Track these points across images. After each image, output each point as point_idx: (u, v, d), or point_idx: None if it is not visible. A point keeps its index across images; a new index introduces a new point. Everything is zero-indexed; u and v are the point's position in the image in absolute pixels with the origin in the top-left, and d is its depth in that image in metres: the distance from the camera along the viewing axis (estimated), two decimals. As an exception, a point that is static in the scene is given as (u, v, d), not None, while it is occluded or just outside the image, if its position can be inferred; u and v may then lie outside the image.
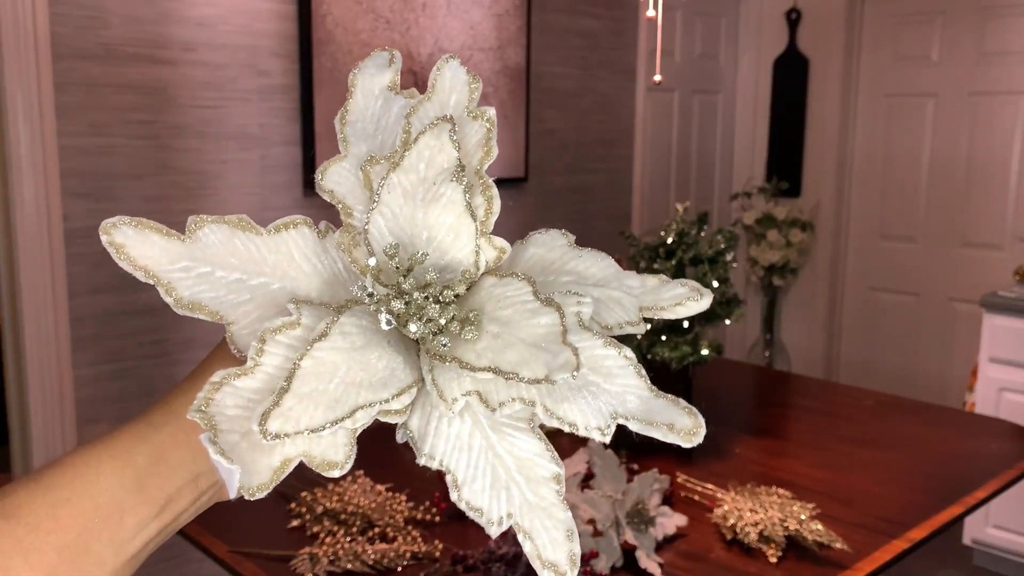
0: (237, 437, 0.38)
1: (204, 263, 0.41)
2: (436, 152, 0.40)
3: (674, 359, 1.74)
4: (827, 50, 3.81)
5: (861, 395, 2.29)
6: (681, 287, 0.44)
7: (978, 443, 1.92)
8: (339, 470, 0.40)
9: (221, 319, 0.41)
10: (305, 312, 0.40)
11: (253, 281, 0.42)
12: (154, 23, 2.21)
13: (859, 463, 1.76)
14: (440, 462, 0.41)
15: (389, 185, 0.41)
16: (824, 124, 3.86)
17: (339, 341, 0.39)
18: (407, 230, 0.41)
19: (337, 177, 0.44)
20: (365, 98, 0.44)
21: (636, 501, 1.38)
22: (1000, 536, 2.85)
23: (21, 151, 2.04)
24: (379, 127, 0.44)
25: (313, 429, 0.37)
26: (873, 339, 3.91)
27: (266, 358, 0.39)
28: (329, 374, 0.38)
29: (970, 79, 3.49)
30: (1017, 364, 2.82)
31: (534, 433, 0.41)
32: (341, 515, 1.43)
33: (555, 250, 0.44)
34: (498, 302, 0.41)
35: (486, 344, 0.40)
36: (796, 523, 1.40)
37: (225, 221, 0.41)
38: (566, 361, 0.37)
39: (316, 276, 0.43)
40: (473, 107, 0.43)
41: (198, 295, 0.41)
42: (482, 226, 0.42)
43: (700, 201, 3.93)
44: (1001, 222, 3.46)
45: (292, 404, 0.37)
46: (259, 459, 0.39)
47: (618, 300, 0.43)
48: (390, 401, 0.39)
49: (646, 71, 3.39)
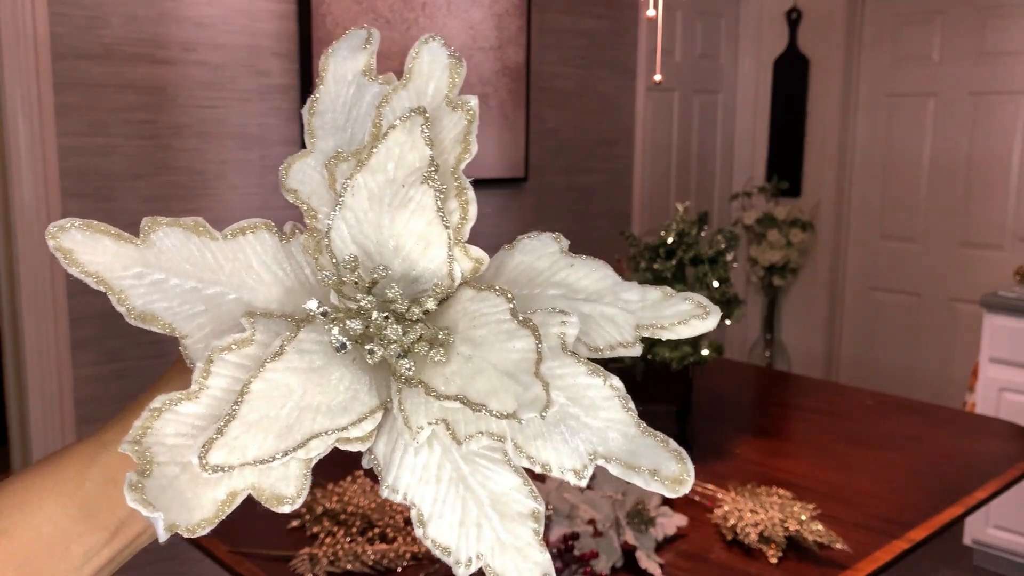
0: (177, 469, 0.35)
1: (158, 270, 0.37)
2: (407, 150, 0.36)
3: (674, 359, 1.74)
4: (827, 50, 3.81)
5: (861, 395, 2.29)
6: (685, 303, 0.38)
7: (978, 443, 1.92)
8: (290, 505, 0.36)
9: (175, 332, 0.38)
10: (260, 327, 0.37)
11: (209, 291, 0.38)
12: (154, 23, 2.20)
13: (859, 463, 1.76)
14: (404, 495, 0.37)
15: (354, 187, 0.37)
16: (824, 124, 3.86)
17: (295, 360, 0.35)
18: (372, 238, 0.37)
19: (301, 175, 0.40)
20: (336, 84, 0.40)
21: (636, 501, 1.38)
22: (1001, 536, 2.85)
23: (20, 151, 2.03)
24: (350, 118, 0.40)
25: (261, 460, 0.34)
26: (873, 339, 3.90)
27: (213, 380, 0.36)
28: (282, 398, 0.35)
29: (970, 79, 3.49)
30: (1017, 364, 2.82)
31: (511, 465, 0.37)
32: (341, 515, 1.43)
33: (544, 258, 0.39)
34: (473, 320, 0.36)
35: (456, 368, 0.36)
36: (796, 523, 1.39)
37: (180, 224, 0.38)
38: (535, 397, 0.33)
39: (277, 285, 0.39)
40: (454, 95, 0.38)
41: (151, 305, 0.37)
42: (456, 234, 0.37)
43: (700, 201, 3.93)
44: (1001, 222, 3.46)
45: (239, 432, 0.34)
46: (202, 493, 0.35)
47: (611, 317, 0.38)
48: (349, 428, 0.36)
49: (646, 71, 3.39)
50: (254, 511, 0.41)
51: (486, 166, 2.90)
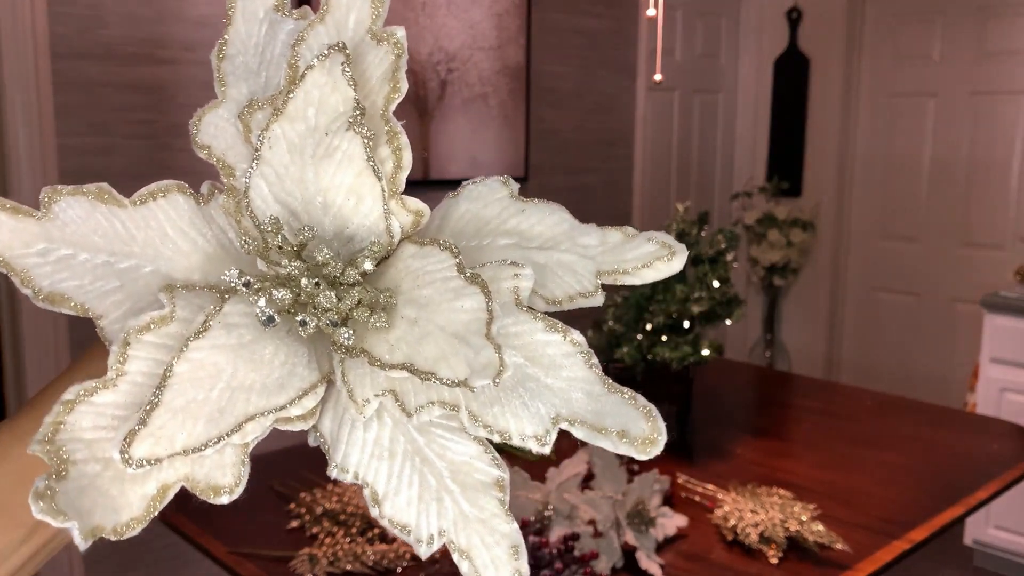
0: (98, 466, 0.31)
1: (64, 244, 0.34)
2: (327, 92, 0.32)
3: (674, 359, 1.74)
4: (828, 49, 3.81)
5: (862, 395, 2.28)
6: (649, 243, 0.35)
7: (979, 443, 1.92)
8: (228, 495, 0.32)
9: (88, 313, 0.34)
10: (180, 302, 0.33)
11: (122, 264, 0.34)
12: (153, 22, 2.20)
13: (860, 464, 1.76)
14: (355, 474, 0.34)
15: (271, 138, 0.33)
16: (825, 124, 3.86)
17: (222, 336, 0.32)
18: (297, 195, 0.34)
19: (213, 129, 0.36)
20: (247, 23, 0.36)
21: (636, 502, 1.38)
22: (1001, 537, 2.85)
23: (20, 151, 2.03)
24: (263, 60, 0.36)
25: (192, 449, 0.31)
26: (874, 339, 3.90)
27: (132, 364, 0.32)
28: (210, 379, 0.31)
29: (971, 79, 3.48)
30: (1018, 364, 2.81)
31: (467, 434, 0.34)
32: (340, 516, 1.43)
33: (492, 205, 0.36)
34: (416, 279, 0.33)
35: (401, 333, 0.33)
36: (797, 524, 1.39)
37: (83, 192, 0.34)
38: (487, 362, 0.31)
39: (197, 253, 0.35)
40: (378, 28, 0.34)
41: (59, 284, 0.34)
42: (391, 184, 0.34)
43: (700, 201, 3.92)
44: (1002, 222, 3.46)
45: (164, 421, 0.30)
46: (129, 490, 0.31)
47: (569, 265, 0.35)
48: (288, 407, 0.32)
49: (646, 70, 3.38)
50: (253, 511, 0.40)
51: (486, 166, 2.90)
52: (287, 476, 1.54)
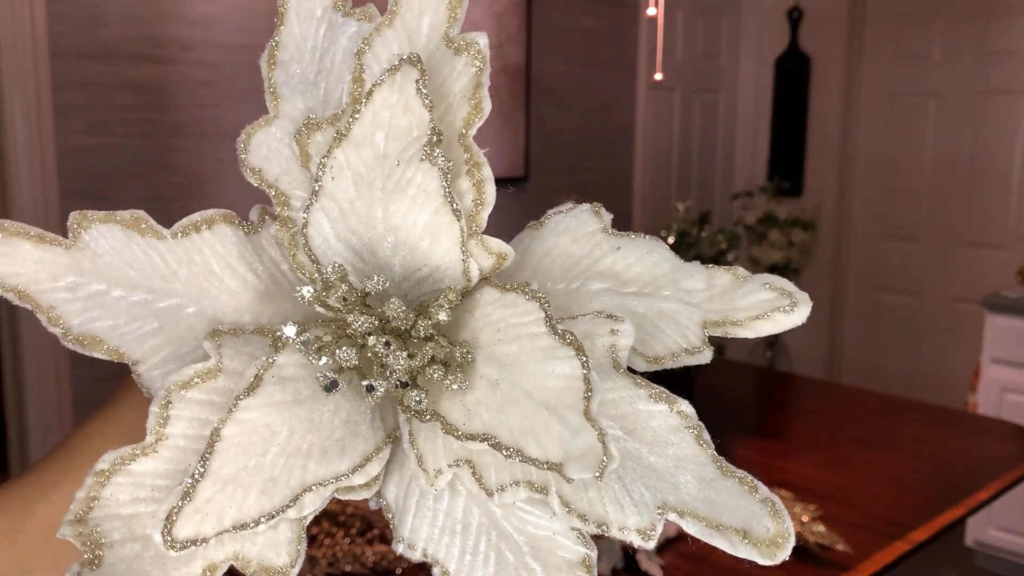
0: (137, 547, 0.27)
1: (96, 278, 0.30)
2: (399, 114, 0.27)
3: (675, 359, 1.73)
4: (829, 49, 3.80)
5: (863, 396, 2.28)
6: (764, 290, 0.30)
7: (980, 444, 1.91)
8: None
9: (124, 358, 0.30)
10: (227, 351, 0.29)
11: (162, 303, 0.30)
12: (152, 22, 2.20)
13: (861, 464, 1.75)
14: (424, 551, 0.29)
15: (334, 167, 0.28)
16: (826, 123, 3.85)
17: (276, 393, 0.28)
18: (363, 234, 0.29)
19: (265, 150, 0.32)
20: (302, 24, 0.32)
21: (637, 502, 1.37)
22: (1003, 537, 2.84)
23: (19, 150, 2.03)
24: (322, 69, 0.31)
25: (243, 525, 0.27)
26: (875, 339, 3.90)
27: (173, 426, 0.28)
28: (263, 443, 0.27)
29: (972, 78, 3.48)
30: (1020, 365, 2.81)
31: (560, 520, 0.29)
32: (340, 516, 1.42)
33: (582, 240, 0.31)
34: (498, 331, 0.28)
35: (480, 396, 0.28)
36: (798, 524, 1.39)
37: (117, 219, 0.30)
38: (587, 449, 0.25)
39: (247, 291, 0.31)
40: (455, 34, 0.29)
41: (91, 324, 0.30)
42: (471, 223, 0.29)
43: (701, 200, 3.92)
44: (1004, 222, 3.45)
45: (211, 494, 0.26)
46: (173, 570, 0.27)
47: (672, 315, 0.30)
48: (350, 475, 0.28)
49: (647, 70, 3.38)
50: None
51: (486, 166, 2.89)
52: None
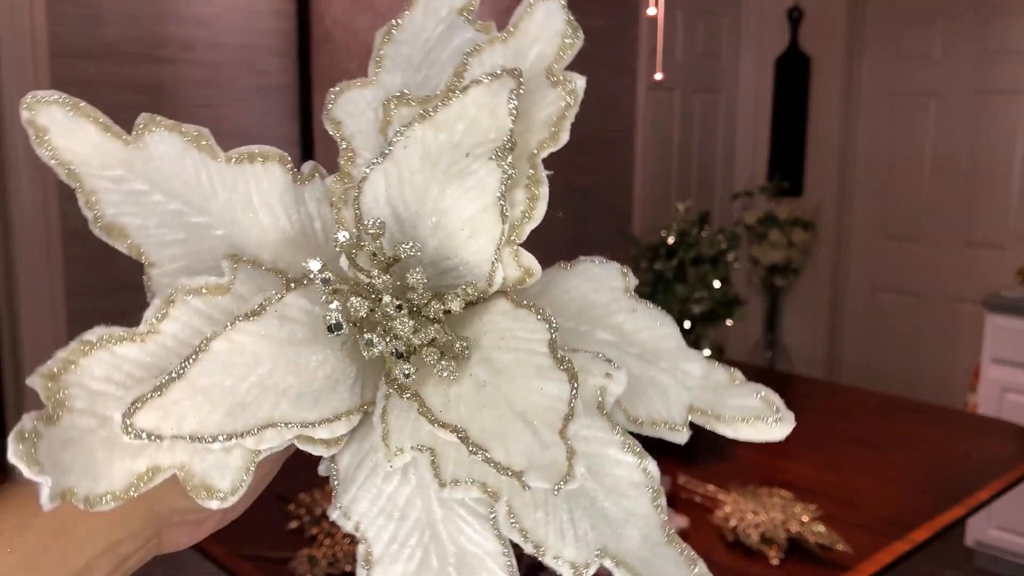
0: (93, 422, 0.28)
1: (143, 178, 0.31)
2: (484, 113, 0.29)
3: (675, 359, 1.73)
4: (829, 49, 3.80)
5: (863, 396, 2.28)
6: (754, 398, 0.31)
7: (980, 444, 1.91)
8: (219, 502, 0.29)
9: (142, 256, 0.32)
10: (242, 275, 0.30)
11: (194, 218, 0.32)
12: (152, 22, 2.20)
13: (861, 464, 1.75)
14: (356, 525, 0.30)
15: (409, 137, 0.30)
16: (826, 123, 3.85)
17: (274, 326, 0.29)
18: (412, 205, 0.30)
19: (351, 107, 0.33)
20: (426, 16, 0.33)
21: (637, 502, 1.37)
22: (1003, 537, 2.84)
23: (19, 151, 2.03)
24: (428, 59, 0.33)
25: (199, 438, 0.27)
26: (875, 339, 3.90)
27: (168, 324, 0.29)
28: (245, 368, 0.28)
29: (973, 78, 3.48)
30: (1020, 365, 2.81)
31: (491, 526, 0.30)
32: (340, 516, 1.42)
33: (604, 292, 0.32)
34: (500, 339, 0.30)
35: (464, 391, 0.29)
36: (798, 524, 1.39)
37: (182, 131, 0.32)
38: (552, 463, 0.26)
39: (276, 231, 0.32)
40: (558, 69, 0.31)
41: (122, 217, 0.31)
42: (513, 231, 0.31)
43: (701, 200, 3.92)
44: (1004, 222, 3.45)
45: (181, 396, 0.27)
46: (117, 459, 0.28)
47: (663, 388, 0.32)
48: (316, 426, 0.29)
49: (647, 70, 3.38)
50: (252, 512, 0.38)
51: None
52: (286, 477, 1.53)
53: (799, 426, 1.37)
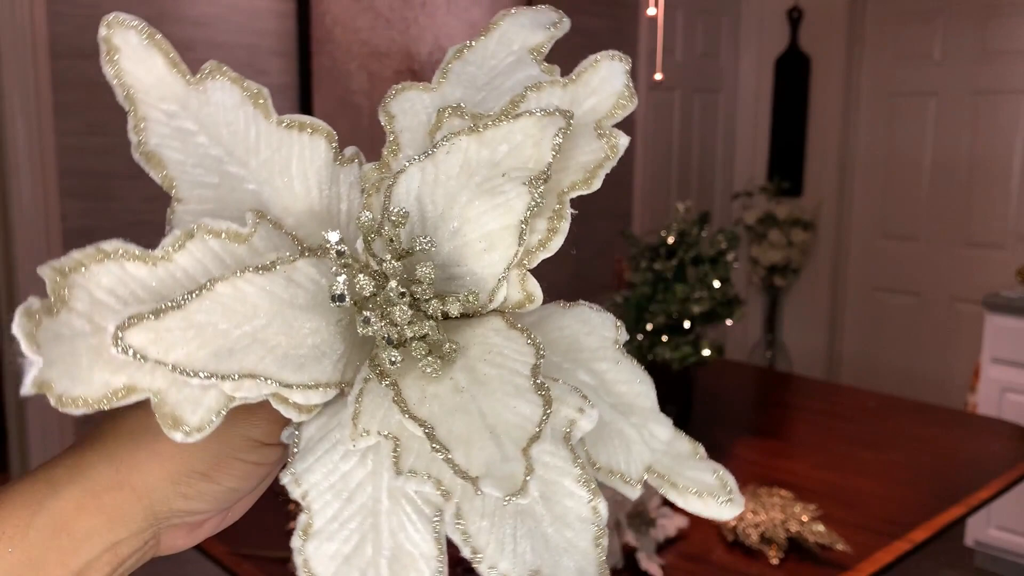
0: (87, 327, 0.29)
1: (194, 119, 0.33)
2: (529, 143, 0.31)
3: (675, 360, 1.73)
4: (829, 49, 3.80)
5: (863, 396, 2.28)
6: (711, 475, 0.32)
7: (980, 444, 1.91)
8: (183, 435, 0.30)
9: (172, 190, 0.33)
10: (262, 231, 0.32)
11: (232, 168, 0.33)
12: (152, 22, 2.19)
13: (861, 464, 1.75)
14: (303, 494, 0.31)
15: (454, 145, 0.32)
16: (826, 123, 3.85)
17: (279, 286, 0.30)
18: (439, 206, 0.32)
19: (408, 105, 0.35)
20: (499, 46, 0.36)
21: (637, 502, 1.37)
22: (1002, 537, 2.84)
23: (19, 150, 2.03)
24: (491, 84, 0.35)
25: (182, 370, 0.28)
26: (875, 339, 3.90)
27: (182, 256, 0.30)
28: (242, 316, 0.29)
29: (972, 78, 3.48)
30: (1019, 365, 2.81)
31: (436, 532, 0.31)
32: (340, 516, 1.42)
33: (594, 337, 0.34)
34: (487, 352, 0.31)
35: (440, 392, 0.30)
36: (797, 524, 1.39)
37: (244, 86, 0.33)
38: (509, 476, 0.27)
39: (304, 201, 0.34)
40: (607, 125, 0.33)
41: (164, 149, 0.33)
42: (525, 256, 0.32)
43: (701, 200, 3.92)
44: (1003, 222, 3.45)
45: (175, 325, 0.28)
46: (98, 369, 0.29)
47: (628, 442, 0.33)
48: (293, 389, 0.30)
49: (647, 69, 3.38)
50: (253, 511, 0.39)
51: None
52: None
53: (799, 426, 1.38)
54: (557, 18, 0.36)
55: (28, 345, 0.27)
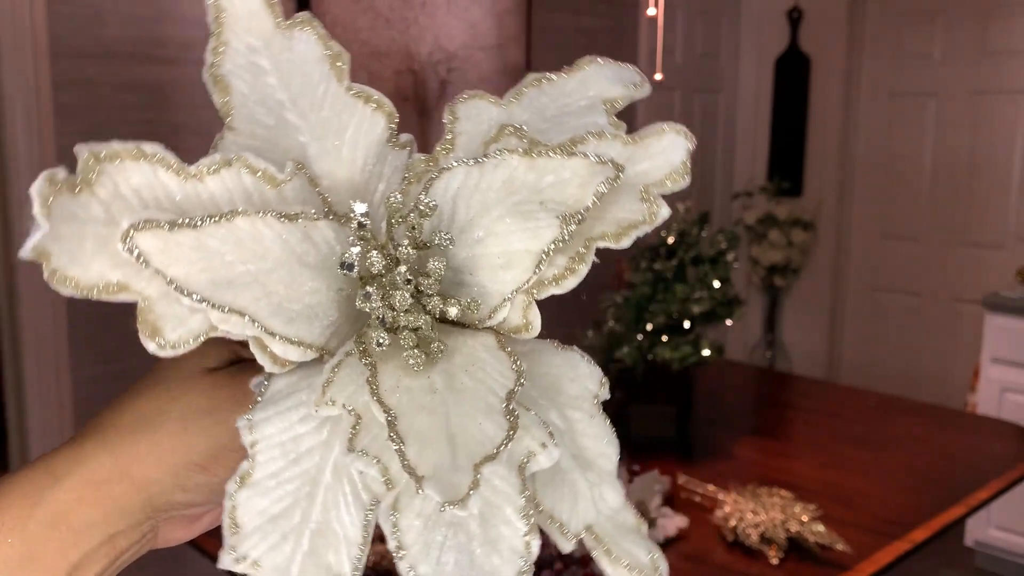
0: (102, 215, 0.29)
1: (271, 60, 0.34)
2: (575, 183, 0.32)
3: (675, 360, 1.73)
4: (829, 49, 3.80)
5: (863, 396, 2.28)
6: (645, 554, 0.32)
7: (980, 444, 1.91)
8: (157, 348, 0.30)
9: (228, 116, 0.33)
10: (297, 183, 0.32)
11: (290, 115, 0.34)
12: (153, 22, 2.20)
13: (861, 464, 1.75)
14: (252, 443, 0.31)
15: (503, 162, 0.32)
16: (826, 123, 3.85)
17: (295, 238, 0.30)
18: (472, 212, 0.33)
19: (474, 112, 0.36)
20: (577, 87, 0.37)
21: (637, 502, 1.37)
22: (1002, 537, 2.84)
23: (19, 151, 2.03)
24: (559, 121, 0.36)
25: (178, 285, 0.29)
26: (875, 339, 3.90)
27: (213, 181, 0.30)
28: (252, 255, 0.30)
29: (972, 78, 3.48)
30: (1019, 365, 2.81)
31: (367, 519, 0.31)
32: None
33: (577, 385, 0.34)
34: (470, 365, 0.31)
35: (413, 386, 0.31)
36: (797, 524, 1.39)
37: (327, 47, 0.34)
38: (454, 487, 0.27)
39: (348, 170, 0.34)
40: (651, 194, 0.34)
41: (234, 79, 0.33)
42: (536, 285, 0.33)
43: (701, 200, 3.92)
44: (1003, 222, 3.45)
45: (185, 242, 0.29)
46: (99, 258, 0.29)
47: (576, 495, 0.33)
48: (276, 338, 0.30)
49: (647, 70, 3.37)
50: None
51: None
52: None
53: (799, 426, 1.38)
54: (639, 80, 0.37)
55: (40, 209, 0.28)
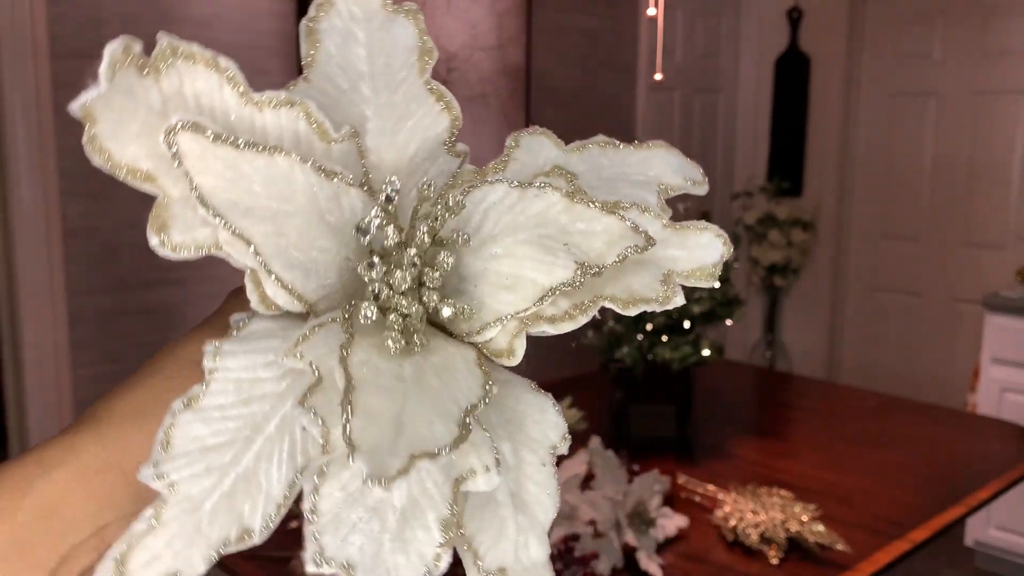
0: (157, 105, 0.30)
1: (367, 34, 0.34)
2: (603, 239, 0.32)
3: (675, 360, 1.73)
4: (829, 49, 3.80)
5: (863, 396, 2.28)
6: None
7: (980, 444, 1.92)
8: (157, 239, 0.30)
9: (308, 68, 0.35)
10: (347, 147, 0.32)
11: (365, 88, 0.35)
12: (153, 22, 2.20)
13: (861, 464, 1.75)
14: (212, 371, 0.30)
15: (545, 194, 0.32)
16: (826, 123, 3.85)
17: (324, 195, 0.31)
18: (497, 228, 0.33)
19: (537, 146, 0.37)
20: (639, 163, 0.38)
21: (637, 502, 1.37)
22: (1002, 537, 2.84)
23: (19, 150, 2.03)
24: (610, 183, 0.37)
25: (200, 194, 0.29)
26: (875, 339, 3.90)
27: (271, 114, 0.31)
28: (276, 194, 0.30)
29: (972, 78, 3.48)
30: (1019, 365, 2.81)
31: (291, 478, 0.30)
32: (340, 516, 1.42)
33: (539, 430, 0.34)
34: (444, 369, 0.31)
35: (384, 368, 0.30)
36: (797, 524, 1.39)
37: (423, 41, 0.35)
38: (384, 464, 0.26)
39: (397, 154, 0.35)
40: (674, 279, 0.34)
41: (326, 37, 0.34)
42: (533, 318, 0.33)
43: (701, 200, 3.92)
44: (1003, 222, 3.45)
45: (222, 157, 0.29)
46: (139, 141, 0.30)
47: (502, 534, 0.32)
48: (272, 277, 0.30)
49: (647, 70, 3.38)
50: None
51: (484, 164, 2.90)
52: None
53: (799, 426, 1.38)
54: (700, 179, 0.38)
55: (107, 69, 0.28)
